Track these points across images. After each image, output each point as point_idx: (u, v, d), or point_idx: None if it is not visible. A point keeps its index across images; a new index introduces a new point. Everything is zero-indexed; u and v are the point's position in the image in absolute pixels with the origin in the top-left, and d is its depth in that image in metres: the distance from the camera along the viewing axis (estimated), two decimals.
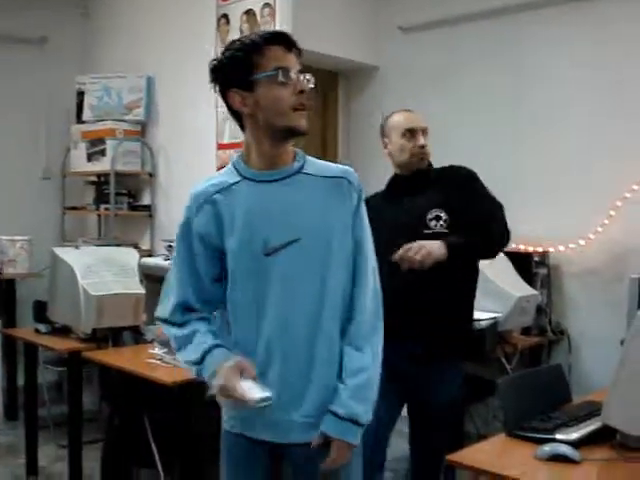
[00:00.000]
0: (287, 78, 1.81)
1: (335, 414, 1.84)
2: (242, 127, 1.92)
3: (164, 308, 1.96)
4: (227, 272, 1.89)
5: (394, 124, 2.99)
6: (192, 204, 1.91)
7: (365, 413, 1.86)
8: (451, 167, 3.03)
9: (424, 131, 2.96)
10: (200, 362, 1.85)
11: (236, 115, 1.90)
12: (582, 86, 4.28)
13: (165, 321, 1.97)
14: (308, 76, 1.86)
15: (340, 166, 1.96)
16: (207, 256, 1.90)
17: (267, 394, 1.71)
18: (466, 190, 2.94)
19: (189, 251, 1.91)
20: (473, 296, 2.94)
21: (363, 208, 1.93)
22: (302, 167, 1.90)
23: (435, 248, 2.59)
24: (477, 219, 2.81)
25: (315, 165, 1.93)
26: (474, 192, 2.95)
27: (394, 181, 3.03)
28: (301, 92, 1.83)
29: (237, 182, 1.88)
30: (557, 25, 4.36)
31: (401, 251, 2.56)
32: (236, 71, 1.83)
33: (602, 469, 2.01)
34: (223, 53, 1.88)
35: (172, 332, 1.95)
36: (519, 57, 4.53)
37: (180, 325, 1.93)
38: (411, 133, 2.94)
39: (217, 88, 1.90)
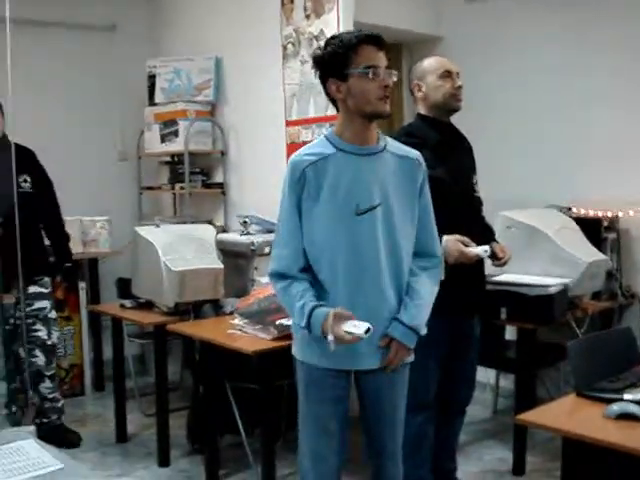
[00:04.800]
0: (375, 75, 2.22)
1: (402, 322, 2.31)
2: (337, 108, 2.34)
3: (277, 264, 2.33)
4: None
5: (431, 66, 3.08)
6: (296, 170, 2.26)
7: (424, 326, 2.37)
8: (460, 132, 3.19)
9: (458, 74, 3.07)
10: (307, 326, 2.22)
11: (331, 98, 2.32)
12: None
13: (278, 275, 2.32)
14: (394, 72, 2.28)
15: (413, 150, 2.41)
16: (300, 214, 2.28)
17: (367, 325, 2.11)
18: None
19: (295, 213, 2.28)
20: None
21: (426, 182, 2.40)
22: (385, 146, 2.33)
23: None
24: None
25: (394, 145, 2.38)
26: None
27: (438, 125, 3.07)
28: (386, 86, 2.24)
29: (334, 153, 2.27)
30: None
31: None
32: (335, 64, 2.24)
33: None
34: (325, 47, 2.29)
35: (280, 286, 2.32)
36: (587, 26, 4.46)
37: (286, 280, 2.30)
38: (449, 74, 3.04)
39: (317, 75, 2.31)
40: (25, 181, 4.06)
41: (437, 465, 3.24)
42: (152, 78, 5.53)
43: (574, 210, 4.30)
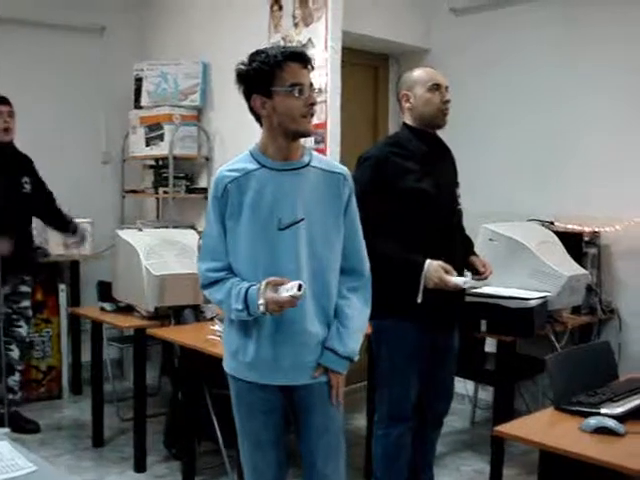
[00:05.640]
0: (300, 93, 2.20)
1: (336, 352, 2.29)
2: (260, 124, 2.31)
3: (206, 277, 2.34)
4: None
5: (420, 77, 3.04)
6: (219, 185, 2.27)
7: (357, 353, 2.34)
8: (445, 144, 3.17)
9: (447, 89, 3.05)
10: (246, 308, 2.19)
11: (255, 114, 2.29)
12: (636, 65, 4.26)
13: (208, 285, 2.33)
14: (316, 90, 2.22)
15: (340, 165, 2.42)
16: (224, 228, 2.29)
17: (298, 282, 2.10)
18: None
19: (218, 224, 2.29)
20: None
21: (353, 199, 2.37)
22: (310, 161, 2.31)
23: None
24: None
25: (320, 160, 2.36)
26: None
27: (424, 137, 3.05)
28: (311, 104, 2.24)
29: (257, 169, 2.26)
30: (616, 6, 4.32)
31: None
32: (260, 81, 2.21)
33: None
34: (250, 62, 2.24)
35: (213, 290, 2.33)
36: (577, 37, 4.49)
37: (219, 282, 2.30)
38: (438, 88, 3.01)
39: (241, 89, 2.28)
40: (26, 183, 4.35)
41: (413, 476, 3.24)
42: (139, 81, 5.52)
43: (556, 224, 4.34)
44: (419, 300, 2.86)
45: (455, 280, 2.87)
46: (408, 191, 2.92)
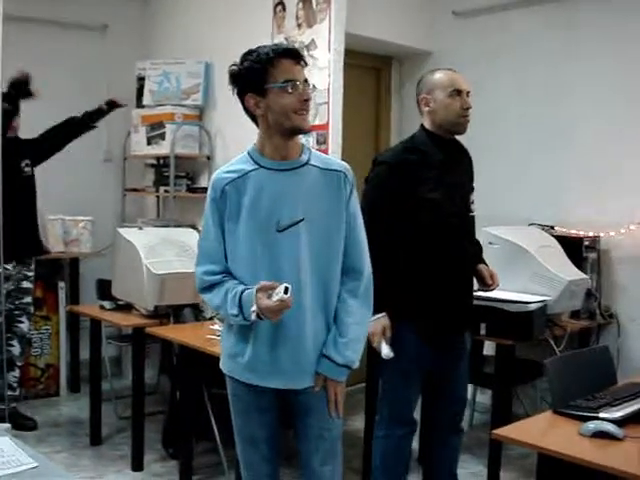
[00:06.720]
0: (294, 89, 2.18)
1: (334, 361, 2.25)
2: (256, 124, 2.29)
3: (203, 280, 2.29)
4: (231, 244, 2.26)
5: (441, 81, 2.95)
6: (217, 187, 2.25)
7: (358, 360, 2.30)
8: (464, 148, 3.14)
9: (468, 94, 2.97)
10: (241, 313, 2.16)
11: (251, 114, 2.26)
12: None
13: (207, 288, 2.28)
14: (310, 86, 2.26)
15: (340, 161, 2.38)
16: (222, 231, 2.26)
17: (284, 285, 2.05)
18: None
19: (215, 227, 2.26)
20: None
21: (355, 195, 2.33)
22: (309, 159, 2.28)
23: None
24: None
25: (319, 158, 2.32)
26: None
27: (442, 143, 2.98)
28: (305, 100, 2.21)
29: (255, 169, 2.24)
30: (612, 10, 4.34)
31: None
32: (252, 79, 2.18)
33: None
34: (242, 62, 2.22)
35: (212, 294, 2.28)
36: (576, 42, 4.50)
37: (216, 286, 2.26)
38: (459, 93, 2.93)
39: (235, 90, 2.26)
40: (27, 166, 4.41)
41: None
42: (141, 80, 5.53)
43: (556, 229, 4.34)
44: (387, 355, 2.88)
45: (382, 347, 2.87)
46: (419, 200, 2.87)
